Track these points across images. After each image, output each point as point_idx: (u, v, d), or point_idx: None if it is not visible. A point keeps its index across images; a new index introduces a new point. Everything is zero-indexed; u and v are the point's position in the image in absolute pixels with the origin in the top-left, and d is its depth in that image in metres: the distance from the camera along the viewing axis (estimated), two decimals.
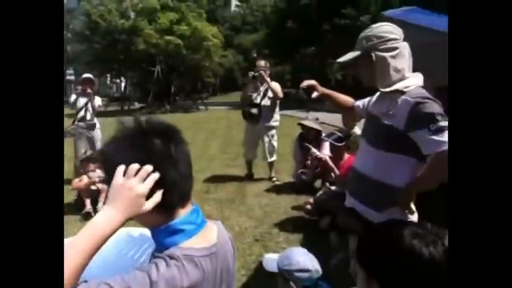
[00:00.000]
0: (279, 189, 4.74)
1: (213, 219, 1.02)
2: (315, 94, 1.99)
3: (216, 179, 5.33)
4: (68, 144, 5.87)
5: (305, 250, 2.00)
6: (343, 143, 3.23)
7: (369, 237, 0.97)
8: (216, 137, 9.77)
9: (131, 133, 0.85)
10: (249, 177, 5.28)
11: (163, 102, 19.30)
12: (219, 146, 8.41)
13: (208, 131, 10.86)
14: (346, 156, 3.26)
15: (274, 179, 5.12)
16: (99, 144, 5.30)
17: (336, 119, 8.02)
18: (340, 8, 17.85)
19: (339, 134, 3.27)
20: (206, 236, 0.91)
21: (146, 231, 2.68)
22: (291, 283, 1.71)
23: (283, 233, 3.43)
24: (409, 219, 1.67)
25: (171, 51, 19.43)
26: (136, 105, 20.97)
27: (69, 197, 4.62)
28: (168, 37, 19.14)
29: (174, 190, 0.84)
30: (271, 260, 1.90)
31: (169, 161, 0.83)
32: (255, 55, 32.94)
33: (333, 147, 3.28)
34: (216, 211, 4.07)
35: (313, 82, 2.00)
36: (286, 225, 3.60)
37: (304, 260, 1.85)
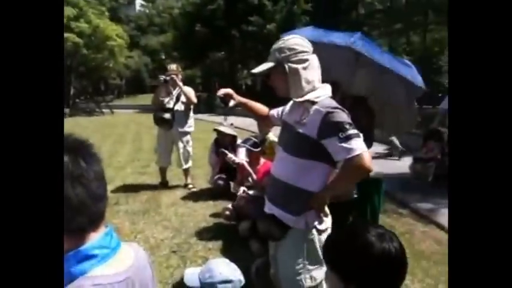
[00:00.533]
0: (195, 197, 4.65)
1: (124, 233, 0.97)
2: (231, 103, 2.00)
3: (127, 189, 5.01)
4: None
5: (226, 260, 1.99)
6: (259, 148, 3.31)
7: (340, 246, 1.06)
8: (124, 143, 9.20)
9: None
10: (164, 185, 5.08)
11: None
12: (129, 152, 7.94)
13: (116, 136, 10.19)
14: (262, 160, 3.35)
15: (190, 185, 5.01)
16: None
17: (249, 123, 8.23)
18: (247, 16, 18.39)
19: (255, 139, 3.35)
20: (122, 260, 0.84)
21: None
22: None
23: (202, 242, 3.37)
24: (323, 222, 1.77)
25: (69, 50, 17.77)
26: None
27: None
28: (65, 34, 17.44)
29: (84, 212, 0.77)
30: (192, 274, 1.84)
31: (77, 180, 0.76)
32: (163, 57, 32.00)
33: (249, 153, 3.34)
34: (128, 224, 3.81)
35: (229, 91, 2.01)
36: (204, 234, 3.55)
37: (226, 270, 1.83)
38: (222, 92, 1.99)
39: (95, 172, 0.80)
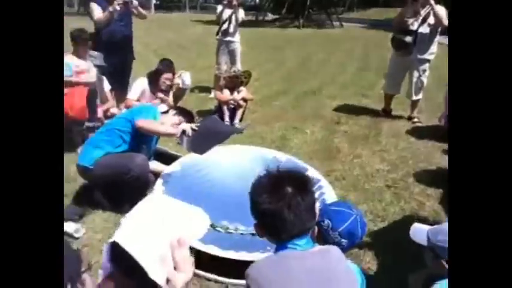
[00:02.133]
0: (419, 132, 4.24)
1: (342, 155, 1.06)
2: None
3: (348, 109, 5.05)
4: (210, 53, 6.18)
5: None
6: None
7: None
8: (351, 60, 9.12)
9: (269, 177, 1.17)
10: (386, 113, 4.83)
11: (298, 16, 18.58)
12: (354, 71, 7.85)
13: (343, 52, 10.18)
14: None
15: (416, 119, 4.58)
16: (238, 58, 5.43)
17: None
18: None
19: None
20: None
21: (277, 154, 3.01)
22: (443, 262, 1.51)
23: (421, 185, 3.11)
24: None
25: None
26: (270, 16, 20.74)
27: (208, 105, 5.00)
28: None
29: (293, 231, 1.11)
30: (420, 230, 1.70)
31: (292, 210, 1.09)
32: None
33: None
34: (346, 145, 3.90)
35: None
36: (424, 176, 3.26)
37: None
38: None
39: (306, 205, 1.12)
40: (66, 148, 3.42)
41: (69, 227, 2.30)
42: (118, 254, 0.81)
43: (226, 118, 4.27)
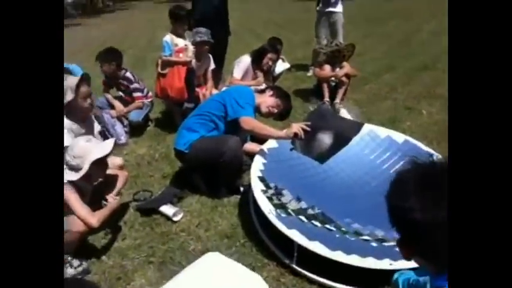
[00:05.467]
0: None
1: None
2: None
3: None
4: (306, 30, 5.76)
5: None
6: None
7: None
8: None
9: (417, 170, 0.82)
10: None
11: None
12: None
13: None
14: None
15: None
16: (340, 31, 4.94)
17: None
18: None
19: None
20: None
21: (392, 134, 2.44)
22: None
23: None
24: None
25: None
26: None
27: (306, 84, 4.65)
28: None
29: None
30: None
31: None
32: None
33: None
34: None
35: None
36: None
37: None
38: None
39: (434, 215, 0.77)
40: (168, 130, 3.46)
41: (167, 210, 2.25)
42: None
43: (326, 97, 3.89)
